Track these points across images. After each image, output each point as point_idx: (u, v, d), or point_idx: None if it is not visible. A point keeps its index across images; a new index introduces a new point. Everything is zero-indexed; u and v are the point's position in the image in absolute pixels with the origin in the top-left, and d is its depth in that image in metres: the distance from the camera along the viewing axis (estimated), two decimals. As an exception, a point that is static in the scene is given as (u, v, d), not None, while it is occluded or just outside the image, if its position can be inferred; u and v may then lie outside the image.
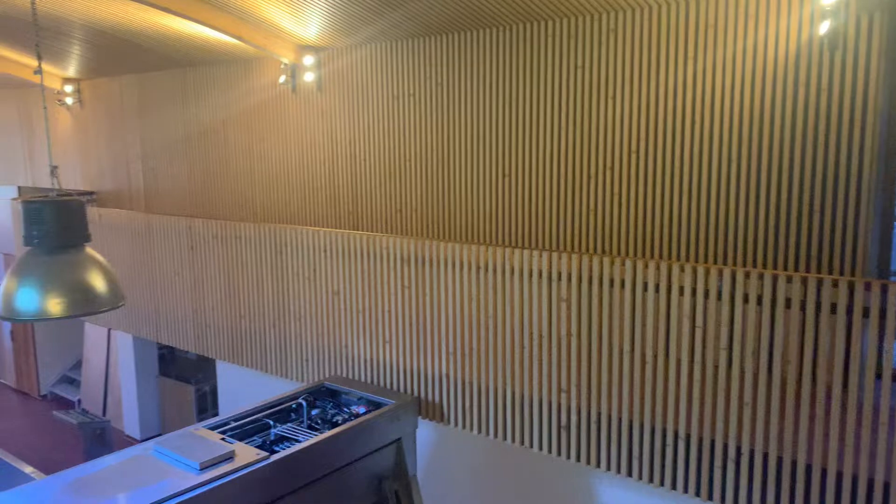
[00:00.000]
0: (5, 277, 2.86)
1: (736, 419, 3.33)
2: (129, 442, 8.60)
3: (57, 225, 2.83)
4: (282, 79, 6.33)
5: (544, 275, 3.85)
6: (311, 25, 5.64)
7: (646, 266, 3.52)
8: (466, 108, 5.23)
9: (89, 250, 2.96)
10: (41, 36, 6.58)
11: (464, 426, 4.36)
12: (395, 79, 5.63)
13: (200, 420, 8.29)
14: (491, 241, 5.17)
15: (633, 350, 3.60)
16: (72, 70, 8.10)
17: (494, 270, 4.07)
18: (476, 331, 4.19)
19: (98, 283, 2.90)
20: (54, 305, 2.80)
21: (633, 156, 4.52)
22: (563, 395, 3.87)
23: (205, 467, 3.39)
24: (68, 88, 8.35)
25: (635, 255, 4.54)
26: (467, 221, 5.29)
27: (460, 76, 5.23)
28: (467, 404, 4.31)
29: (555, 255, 3.81)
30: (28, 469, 4.51)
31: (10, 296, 2.79)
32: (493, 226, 5.14)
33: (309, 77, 6.19)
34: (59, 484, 3.40)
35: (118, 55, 7.19)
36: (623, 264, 3.57)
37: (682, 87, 4.28)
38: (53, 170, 2.95)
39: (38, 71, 3.02)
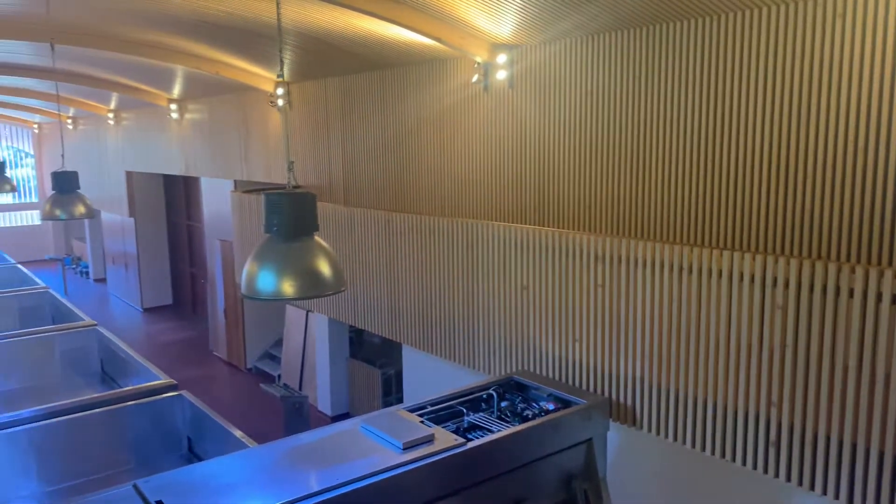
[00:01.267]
0: (248, 261, 3.20)
1: None
2: (322, 417, 9.30)
3: (293, 215, 3.12)
4: (475, 78, 6.48)
5: (757, 279, 3.62)
6: (505, 23, 5.72)
7: (881, 275, 3.18)
8: (665, 103, 5.03)
9: (318, 239, 3.23)
10: (264, 44, 7.27)
11: (657, 433, 4.22)
12: (588, 74, 5.55)
13: (385, 402, 8.78)
14: (690, 242, 4.94)
15: (860, 366, 3.28)
16: (283, 74, 8.88)
17: (699, 272, 3.88)
18: (676, 335, 4.03)
19: (325, 269, 3.15)
20: (288, 287, 3.10)
21: (860, 154, 4.09)
22: (774, 410, 3.61)
23: (407, 447, 3.57)
24: (280, 91, 9.15)
25: (858, 261, 4.12)
26: (663, 220, 5.09)
27: (659, 70, 5.04)
28: (663, 410, 4.16)
29: (770, 258, 3.56)
30: (238, 433, 4.98)
31: (252, 278, 3.12)
32: (693, 225, 4.90)
33: (501, 75, 6.29)
34: (278, 451, 3.74)
35: (324, 59, 7.76)
36: (853, 271, 3.25)
37: (926, 76, 3.81)
38: (290, 165, 3.25)
39: (281, 75, 3.33)
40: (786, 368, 3.56)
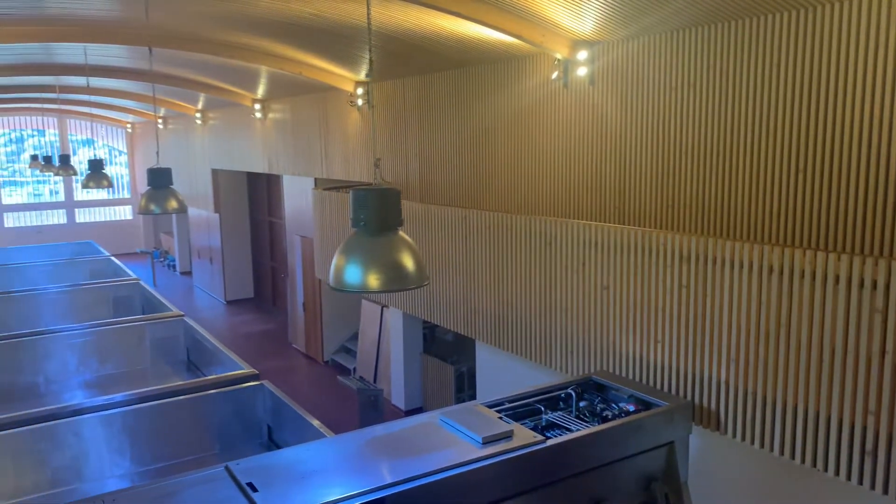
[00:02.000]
0: (335, 254, 3.29)
1: None
2: (395, 411, 9.45)
3: (379, 210, 3.19)
4: (554, 75, 6.44)
5: (854, 282, 3.45)
6: (587, 19, 5.66)
7: None
8: (753, 99, 4.86)
9: (402, 234, 3.29)
10: (345, 44, 7.44)
11: (743, 438, 4.09)
12: (673, 70, 5.42)
13: (458, 398, 8.83)
14: (780, 242, 4.76)
15: (969, 376, 3.09)
16: (363, 74, 9.05)
17: (790, 274, 3.74)
18: (764, 338, 3.90)
19: (409, 263, 3.21)
20: (373, 280, 3.17)
21: (971, 149, 3.85)
22: (871, 418, 3.45)
23: (487, 442, 3.60)
24: (360, 91, 9.34)
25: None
26: (751, 219, 4.92)
27: (749, 64, 4.87)
28: (749, 415, 4.03)
29: (869, 260, 3.39)
30: (315, 423, 5.09)
31: (340, 270, 3.21)
32: (783, 225, 4.72)
33: (581, 72, 6.23)
34: (360, 440, 3.83)
35: (403, 59, 7.87)
36: (963, 275, 3.07)
37: None
38: (377, 162, 3.33)
39: (369, 74, 3.40)
40: (885, 375, 3.38)
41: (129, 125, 22.02)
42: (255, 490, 3.14)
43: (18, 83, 13.01)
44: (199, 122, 15.62)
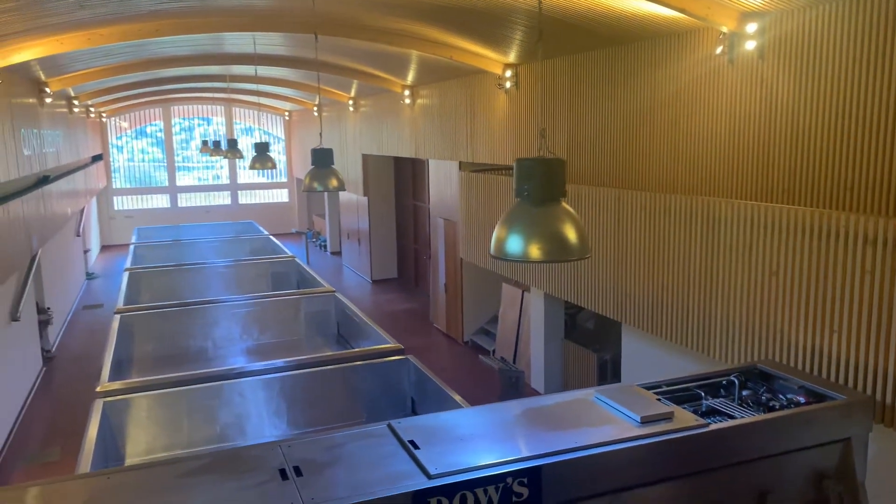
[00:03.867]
0: (498, 224, 3.32)
1: None
2: (534, 395, 9.44)
3: (543, 180, 3.18)
4: (718, 49, 6.10)
5: None
6: (759, -12, 5.30)
7: None
8: (958, 68, 4.34)
9: (565, 205, 3.26)
10: (497, 25, 7.46)
11: (934, 440, 3.70)
12: (857, 40, 4.95)
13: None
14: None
15: None
16: (512, 56, 9.04)
17: None
18: (967, 330, 3.50)
19: (571, 235, 3.18)
20: (535, 251, 3.18)
21: None
22: None
23: (646, 422, 3.50)
24: (508, 73, 9.34)
25: None
26: (950, 202, 4.42)
27: (951, 30, 4.36)
28: (943, 415, 3.65)
29: None
30: (457, 397, 5.18)
31: (502, 240, 3.25)
32: None
33: (750, 45, 5.84)
34: (515, 410, 3.83)
35: (555, 39, 7.76)
36: None
37: None
38: (542, 132, 3.32)
39: (538, 45, 3.39)
40: None
41: (286, 113, 23.45)
42: (416, 447, 3.26)
43: (193, 73, 14.23)
44: (351, 108, 16.33)
